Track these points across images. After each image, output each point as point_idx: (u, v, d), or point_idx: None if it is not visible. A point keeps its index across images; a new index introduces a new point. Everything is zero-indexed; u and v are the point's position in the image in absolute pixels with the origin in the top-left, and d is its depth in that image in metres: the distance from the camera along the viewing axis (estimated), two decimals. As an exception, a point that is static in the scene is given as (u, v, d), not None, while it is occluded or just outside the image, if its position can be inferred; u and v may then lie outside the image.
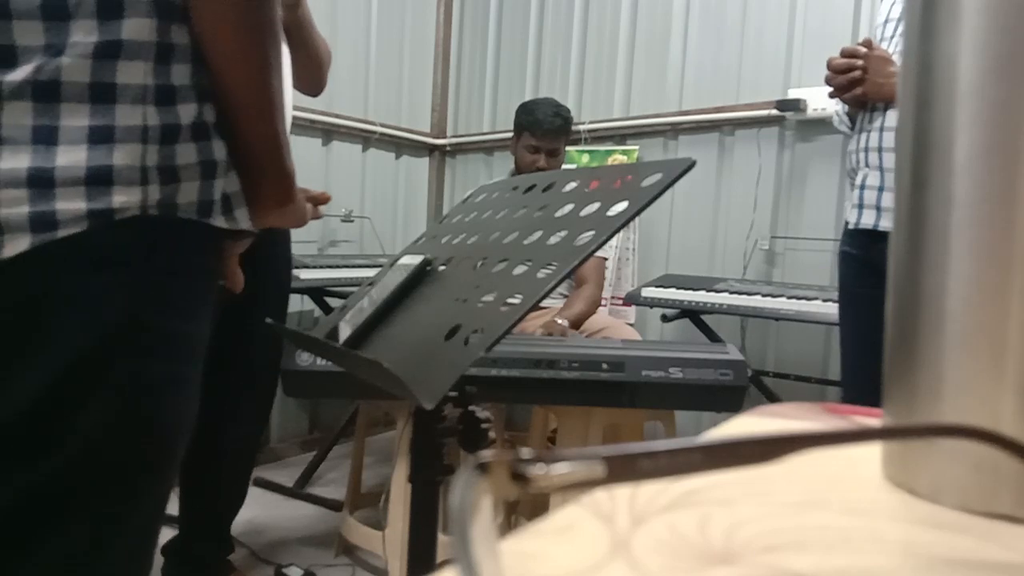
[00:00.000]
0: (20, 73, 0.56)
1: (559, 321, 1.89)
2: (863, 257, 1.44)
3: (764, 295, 1.98)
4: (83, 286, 0.59)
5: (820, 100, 2.13)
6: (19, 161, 0.56)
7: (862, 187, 1.41)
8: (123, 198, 0.58)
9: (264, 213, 0.74)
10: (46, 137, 0.56)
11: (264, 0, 0.64)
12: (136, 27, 0.59)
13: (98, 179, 0.57)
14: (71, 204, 0.57)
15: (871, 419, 0.33)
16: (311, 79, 1.60)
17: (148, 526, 0.68)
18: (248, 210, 0.71)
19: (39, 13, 0.57)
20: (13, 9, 0.56)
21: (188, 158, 0.63)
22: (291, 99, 1.49)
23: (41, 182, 0.56)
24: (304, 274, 2.11)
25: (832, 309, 1.58)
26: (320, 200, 0.93)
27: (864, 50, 1.37)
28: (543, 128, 2.14)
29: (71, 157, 0.57)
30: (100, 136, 0.58)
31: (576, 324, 1.96)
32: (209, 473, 1.55)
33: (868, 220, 1.40)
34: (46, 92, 0.56)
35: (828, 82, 1.42)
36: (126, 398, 0.62)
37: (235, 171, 0.69)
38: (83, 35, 0.57)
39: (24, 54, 0.57)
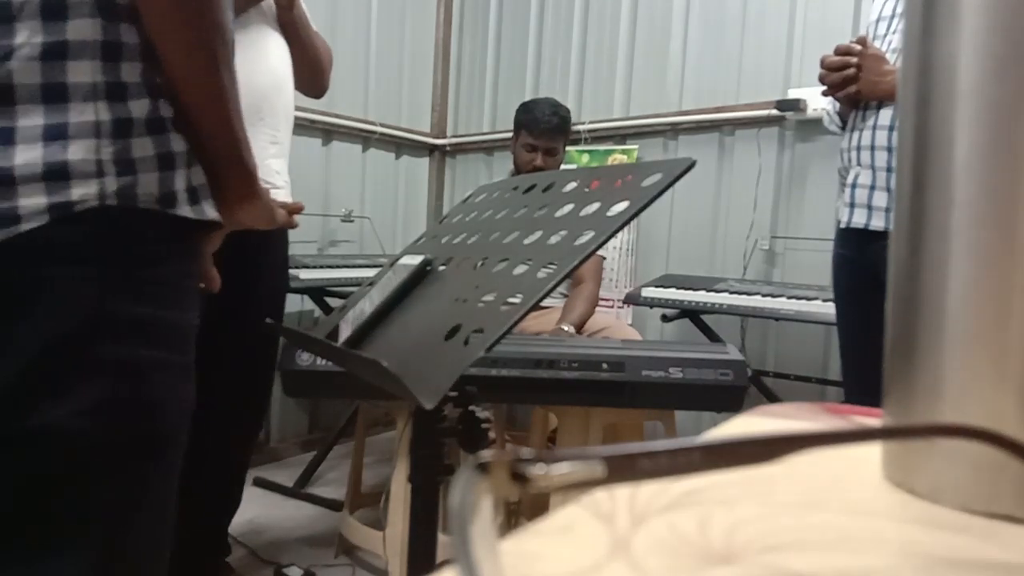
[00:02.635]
0: None
1: (565, 328, 1.90)
2: (856, 258, 1.44)
3: (764, 295, 1.98)
4: (51, 276, 0.61)
5: (820, 100, 2.12)
6: None
7: (853, 185, 1.41)
8: (81, 191, 0.61)
9: (229, 207, 0.76)
10: (4, 138, 0.59)
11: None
12: (80, 27, 0.62)
13: (55, 174, 0.60)
14: (32, 200, 0.59)
15: (871, 419, 0.33)
16: (311, 80, 1.59)
17: (161, 508, 0.71)
18: (214, 203, 0.73)
19: None
20: None
21: (144, 151, 0.65)
22: (292, 99, 1.49)
23: (2, 180, 0.58)
24: (304, 274, 2.11)
25: (832, 309, 1.58)
26: (293, 209, 0.95)
27: (859, 48, 1.36)
28: (540, 127, 2.15)
29: (28, 155, 0.59)
30: (54, 133, 0.60)
31: (580, 326, 1.96)
32: (199, 478, 1.53)
33: (859, 219, 1.40)
34: (1, 96, 0.59)
35: (822, 80, 1.41)
36: (108, 384, 0.64)
37: (200, 165, 0.71)
38: (28, 36, 0.60)
39: None
